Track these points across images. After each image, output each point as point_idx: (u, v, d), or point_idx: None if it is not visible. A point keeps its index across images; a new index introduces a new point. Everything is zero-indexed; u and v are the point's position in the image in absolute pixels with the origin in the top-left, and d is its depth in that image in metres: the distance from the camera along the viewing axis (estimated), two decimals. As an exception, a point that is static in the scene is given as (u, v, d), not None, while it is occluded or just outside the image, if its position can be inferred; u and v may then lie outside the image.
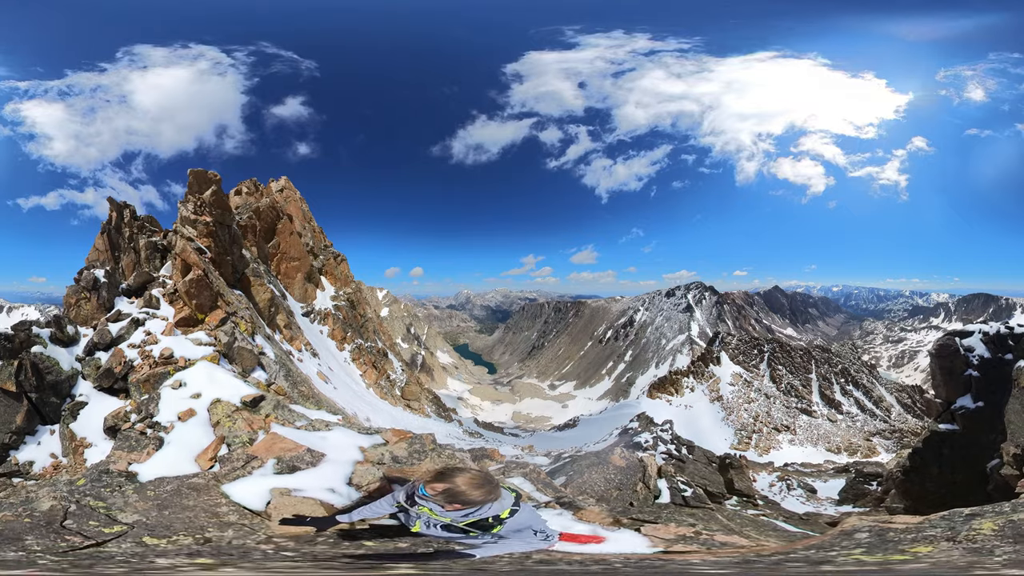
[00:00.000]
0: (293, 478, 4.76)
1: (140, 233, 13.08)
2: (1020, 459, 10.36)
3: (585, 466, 11.92)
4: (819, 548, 2.75)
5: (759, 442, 61.90)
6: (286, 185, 35.85)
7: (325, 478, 4.79)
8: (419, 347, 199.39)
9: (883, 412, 69.46)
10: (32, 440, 8.76)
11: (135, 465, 5.15)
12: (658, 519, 4.44)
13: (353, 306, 36.08)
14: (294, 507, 4.22)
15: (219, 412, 6.17)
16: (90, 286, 10.78)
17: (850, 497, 26.05)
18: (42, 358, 8.90)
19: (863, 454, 56.73)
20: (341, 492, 4.64)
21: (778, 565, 2.65)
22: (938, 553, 2.00)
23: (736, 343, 77.90)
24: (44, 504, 3.95)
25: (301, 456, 5.04)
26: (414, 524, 3.34)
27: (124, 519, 3.80)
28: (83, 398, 9.00)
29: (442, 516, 3.23)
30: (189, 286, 10.34)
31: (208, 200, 13.87)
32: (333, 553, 3.44)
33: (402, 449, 5.36)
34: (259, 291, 18.96)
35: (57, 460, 8.42)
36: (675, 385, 68.76)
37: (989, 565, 1.85)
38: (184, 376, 7.30)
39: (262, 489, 4.52)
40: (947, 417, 13.71)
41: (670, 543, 3.86)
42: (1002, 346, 12.79)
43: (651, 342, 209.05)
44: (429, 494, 3.25)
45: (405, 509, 3.44)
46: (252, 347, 9.82)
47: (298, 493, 4.45)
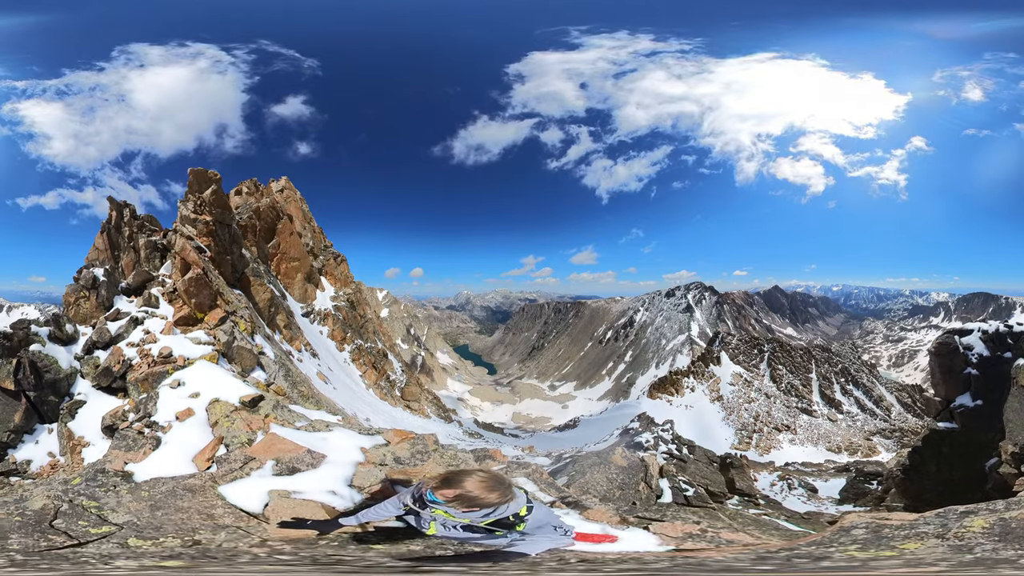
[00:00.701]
0: (292, 480, 4.67)
1: (140, 232, 13.07)
2: (1018, 458, 10.33)
3: (587, 466, 11.92)
4: (819, 544, 2.76)
5: (760, 442, 61.88)
6: (286, 185, 35.85)
7: (326, 480, 4.69)
8: (419, 348, 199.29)
9: (883, 411, 69.47)
10: (30, 439, 8.74)
11: (131, 465, 5.09)
12: (663, 518, 4.43)
13: (353, 307, 36.07)
14: (293, 510, 4.14)
15: (217, 412, 6.11)
16: (89, 285, 10.75)
17: (851, 496, 26.06)
18: (41, 356, 8.87)
19: (863, 453, 56.72)
20: (343, 494, 4.52)
21: (788, 561, 2.67)
22: (924, 550, 2.03)
23: (736, 343, 77.93)
24: (37, 503, 3.94)
25: (301, 457, 4.97)
26: (428, 527, 3.22)
27: (115, 519, 3.76)
28: (81, 397, 8.97)
29: (461, 517, 3.13)
30: (188, 284, 10.30)
31: (208, 199, 13.84)
32: (339, 557, 3.34)
33: (404, 450, 5.30)
34: (259, 291, 18.95)
35: (55, 459, 8.38)
36: (675, 385, 68.76)
37: (963, 561, 1.87)
38: (183, 375, 7.22)
39: (260, 491, 4.42)
40: (946, 415, 13.71)
41: (680, 541, 3.86)
42: (1001, 344, 12.79)
43: (651, 342, 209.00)
44: (440, 500, 3.13)
45: (415, 511, 3.31)
46: (251, 347, 9.80)
47: (298, 495, 4.37)
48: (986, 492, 11.35)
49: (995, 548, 1.97)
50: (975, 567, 1.83)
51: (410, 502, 3.37)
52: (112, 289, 11.00)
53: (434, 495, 3.15)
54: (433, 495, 3.15)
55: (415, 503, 3.32)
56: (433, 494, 3.15)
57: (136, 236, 13.00)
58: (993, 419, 12.19)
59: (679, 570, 2.99)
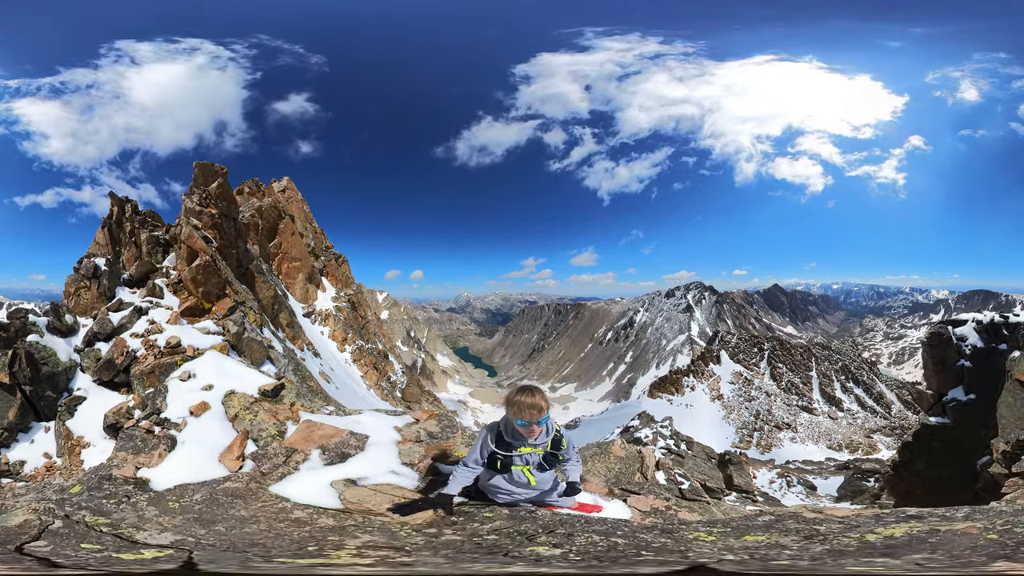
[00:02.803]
0: (348, 467, 4.28)
1: (142, 227, 13.05)
2: (1010, 457, 9.77)
3: (587, 456, 12.17)
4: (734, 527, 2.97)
5: (760, 440, 61.89)
6: (288, 185, 35.98)
7: (381, 461, 4.36)
8: (419, 350, 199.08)
9: (884, 409, 69.47)
10: (25, 438, 8.18)
11: (145, 470, 4.41)
12: (641, 490, 4.62)
13: (354, 307, 36.16)
14: (371, 498, 3.77)
15: (236, 405, 5.70)
16: (90, 274, 10.28)
17: (848, 494, 26.14)
18: (38, 348, 8.32)
19: (864, 451, 56.73)
20: (403, 473, 4.19)
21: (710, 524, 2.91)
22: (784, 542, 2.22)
23: (736, 342, 77.95)
24: (16, 518, 3.16)
25: (346, 441, 4.64)
26: (522, 469, 3.48)
27: (148, 540, 2.86)
28: (81, 392, 8.42)
29: (536, 447, 3.47)
30: (196, 272, 10.08)
31: (214, 192, 13.86)
32: (486, 529, 3.07)
33: (434, 425, 5.17)
34: (263, 288, 19.05)
35: (51, 460, 7.88)
36: (676, 384, 68.78)
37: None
38: (192, 367, 6.70)
39: (321, 483, 3.97)
40: (938, 410, 13.50)
41: (645, 515, 4.02)
42: (996, 336, 12.64)
43: (651, 343, 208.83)
44: (527, 420, 3.34)
45: (503, 460, 3.46)
46: (262, 339, 9.66)
47: (365, 482, 4.00)
48: (976, 492, 11.05)
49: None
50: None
51: (493, 445, 3.46)
52: (114, 279, 10.52)
53: (521, 417, 3.34)
54: (521, 419, 3.34)
55: (499, 446, 3.46)
56: (520, 417, 3.34)
57: (138, 231, 12.92)
58: (986, 415, 11.91)
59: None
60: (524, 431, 3.40)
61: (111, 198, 14.38)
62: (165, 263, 11.56)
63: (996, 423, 11.20)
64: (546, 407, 3.41)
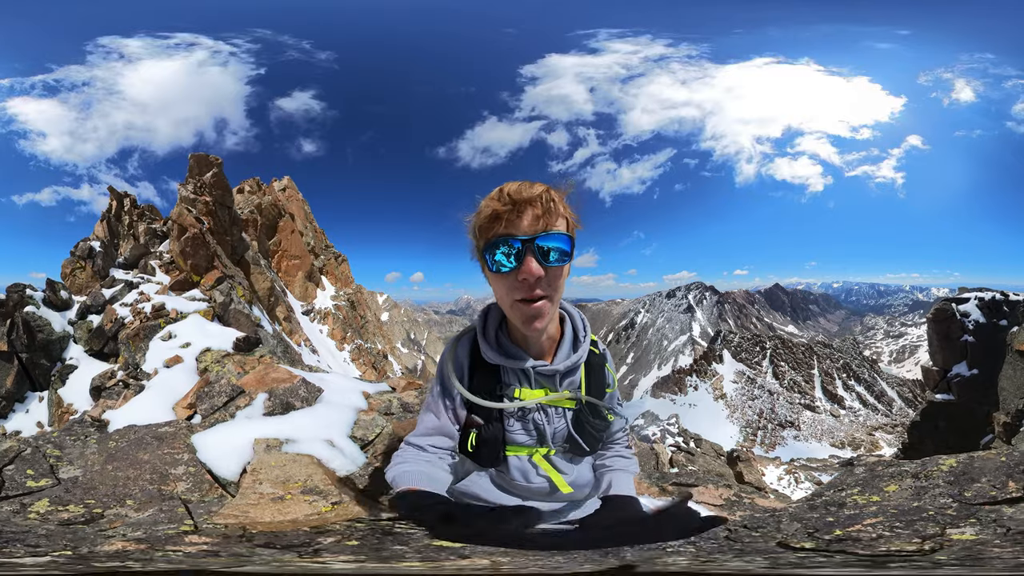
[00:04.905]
0: (285, 420, 3.72)
1: (140, 220, 13.21)
2: (1011, 428, 10.18)
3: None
4: (834, 488, 2.85)
5: (764, 438, 61.73)
6: (289, 185, 36.07)
7: (321, 424, 3.64)
8: (419, 353, 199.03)
9: (885, 406, 69.33)
10: (21, 408, 8.58)
11: (109, 412, 4.50)
12: (695, 483, 4.26)
13: (353, 306, 36.12)
14: (283, 468, 2.97)
15: (208, 359, 5.83)
16: (85, 255, 10.71)
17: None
18: (34, 317, 8.80)
19: (866, 448, 56.57)
20: (341, 447, 3.40)
21: (813, 509, 2.75)
22: (896, 492, 2.12)
23: (738, 341, 77.90)
24: (1, 445, 3.55)
25: (295, 389, 4.11)
26: (532, 455, 1.55)
27: (63, 474, 3.10)
28: (73, 362, 8.78)
29: (557, 391, 1.55)
30: (184, 244, 10.13)
31: (209, 182, 13.95)
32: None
33: (412, 396, 4.35)
34: (259, 279, 19.00)
35: (43, 429, 8.14)
36: (679, 384, 68.74)
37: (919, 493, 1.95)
38: (175, 328, 7.00)
39: (244, 440, 3.44)
40: (944, 387, 13.72)
41: (720, 509, 3.63)
42: (997, 312, 12.87)
43: (653, 344, 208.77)
44: (512, 235, 1.39)
45: (487, 431, 1.53)
46: (249, 313, 9.73)
47: (290, 445, 3.34)
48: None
49: (948, 486, 2.05)
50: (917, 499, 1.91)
51: (464, 387, 1.55)
52: (108, 261, 10.94)
53: (498, 233, 1.41)
54: (499, 234, 1.41)
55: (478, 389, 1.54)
56: (495, 232, 1.41)
57: (136, 224, 13.12)
58: (988, 391, 12.14)
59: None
60: (517, 289, 1.42)
61: (111, 192, 14.60)
62: (160, 248, 11.72)
63: (998, 398, 11.30)
64: (563, 211, 1.43)
